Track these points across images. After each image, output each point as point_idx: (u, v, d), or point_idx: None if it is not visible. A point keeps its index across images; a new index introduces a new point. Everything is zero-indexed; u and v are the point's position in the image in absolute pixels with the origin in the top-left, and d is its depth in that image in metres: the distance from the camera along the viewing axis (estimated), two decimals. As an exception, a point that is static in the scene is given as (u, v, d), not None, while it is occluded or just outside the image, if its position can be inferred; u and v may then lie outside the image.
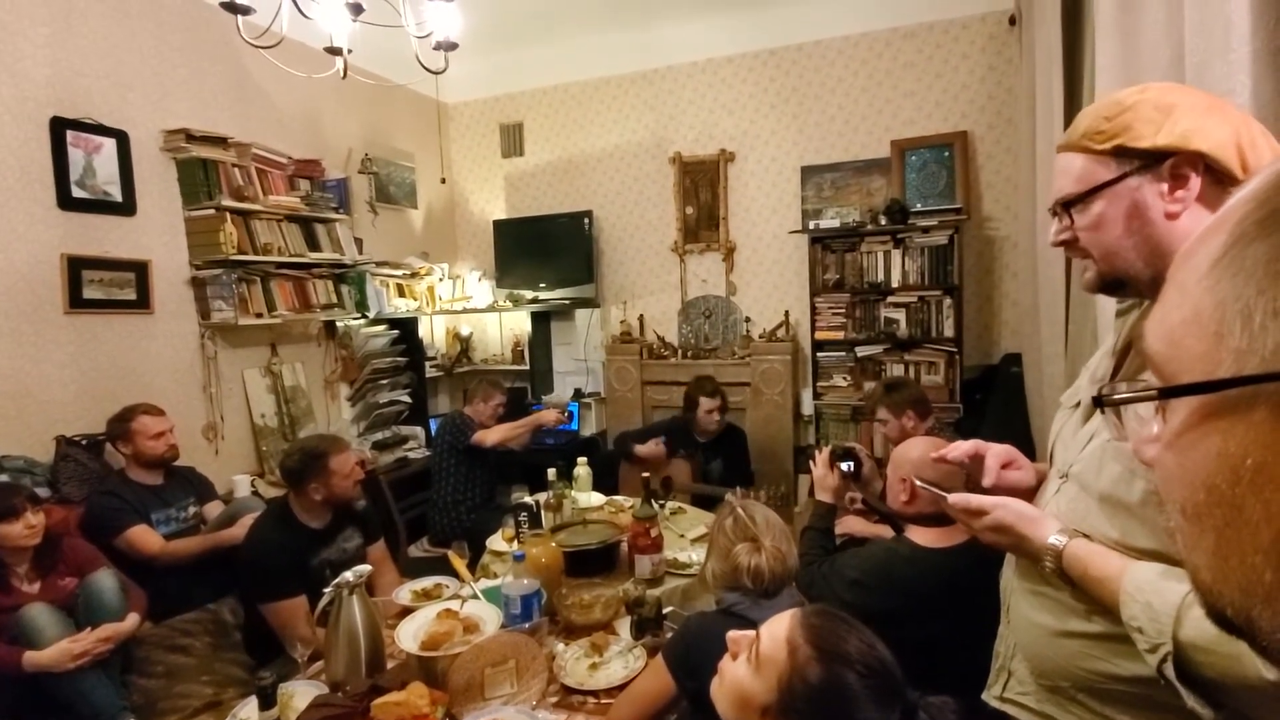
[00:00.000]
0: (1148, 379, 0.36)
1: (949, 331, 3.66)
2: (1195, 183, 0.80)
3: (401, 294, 4.43)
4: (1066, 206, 0.89)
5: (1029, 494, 1.06)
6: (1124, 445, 0.85)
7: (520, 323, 4.83)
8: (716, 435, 3.48)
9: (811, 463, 2.00)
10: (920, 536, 1.64)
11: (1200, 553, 0.32)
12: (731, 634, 0.95)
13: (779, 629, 0.89)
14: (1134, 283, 0.86)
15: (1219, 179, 0.80)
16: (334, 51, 2.12)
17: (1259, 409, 0.29)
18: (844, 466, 1.94)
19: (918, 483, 1.48)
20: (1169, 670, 0.76)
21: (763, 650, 0.88)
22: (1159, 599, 0.78)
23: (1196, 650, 0.74)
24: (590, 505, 2.79)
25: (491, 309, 4.78)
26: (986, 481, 1.04)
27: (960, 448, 1.12)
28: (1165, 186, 0.81)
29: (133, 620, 2.18)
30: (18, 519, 2.07)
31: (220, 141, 3.28)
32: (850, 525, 2.40)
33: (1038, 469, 1.11)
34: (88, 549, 2.31)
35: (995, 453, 1.08)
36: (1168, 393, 0.34)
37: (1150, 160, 0.82)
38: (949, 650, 1.42)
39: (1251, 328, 0.29)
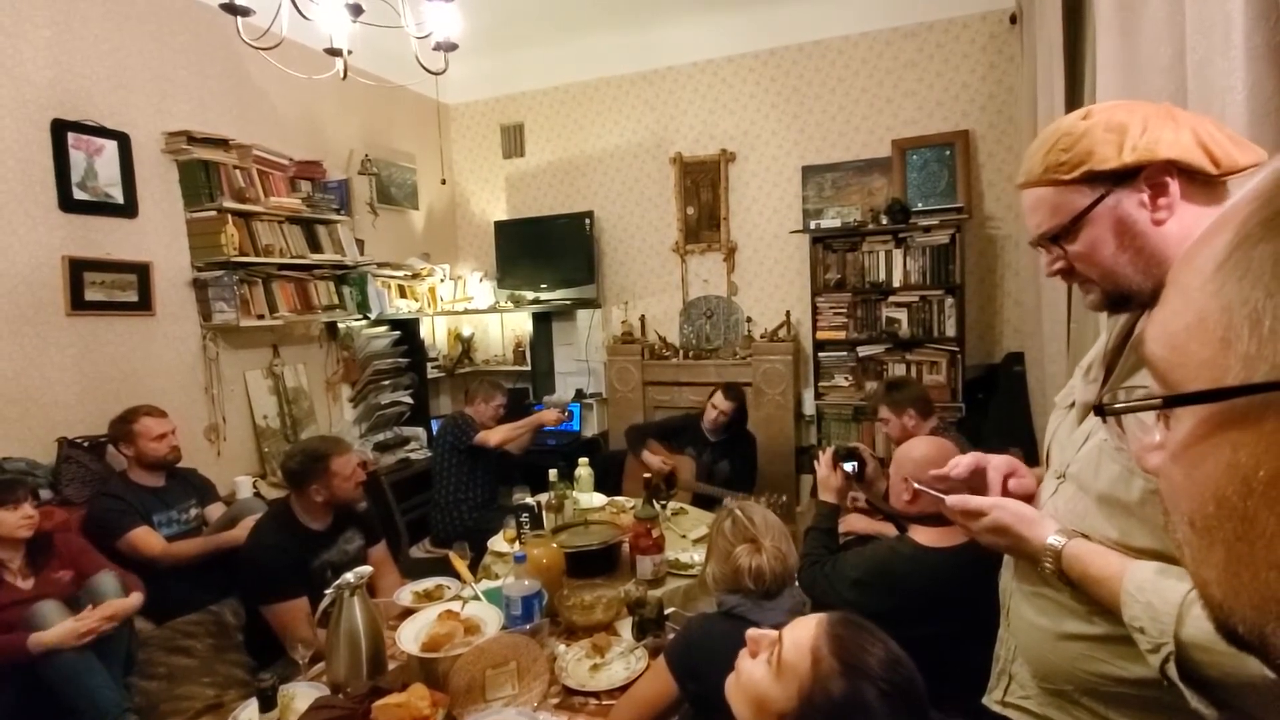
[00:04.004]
0: (1142, 380, 0.36)
1: (951, 331, 3.66)
2: (1174, 187, 0.81)
3: (403, 295, 4.44)
4: (1054, 239, 0.89)
5: (1030, 499, 1.05)
6: (1124, 449, 0.84)
7: (521, 323, 4.83)
8: (727, 436, 3.47)
9: (816, 463, 2.00)
10: (923, 536, 1.63)
11: (1210, 567, 0.31)
12: (752, 632, 0.94)
13: (803, 635, 0.87)
14: (1137, 296, 0.87)
15: (1193, 177, 0.81)
16: (334, 53, 2.12)
17: (1270, 418, 0.28)
18: (847, 467, 1.93)
19: (916, 484, 1.47)
20: (1171, 670, 0.76)
21: (784, 655, 0.87)
22: (1160, 598, 0.78)
23: (1199, 650, 0.74)
24: (592, 506, 2.79)
25: (493, 310, 4.78)
26: (991, 495, 1.04)
27: (962, 463, 1.11)
28: (1145, 196, 0.82)
29: (135, 598, 2.20)
30: (16, 507, 2.09)
31: (221, 143, 3.28)
32: (853, 523, 2.40)
33: (1038, 474, 1.10)
34: (80, 542, 2.32)
35: (997, 465, 1.07)
36: (1173, 401, 0.32)
37: (1122, 177, 0.83)
38: (951, 650, 1.42)
39: (1260, 332, 0.28)
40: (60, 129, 2.75)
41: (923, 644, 1.23)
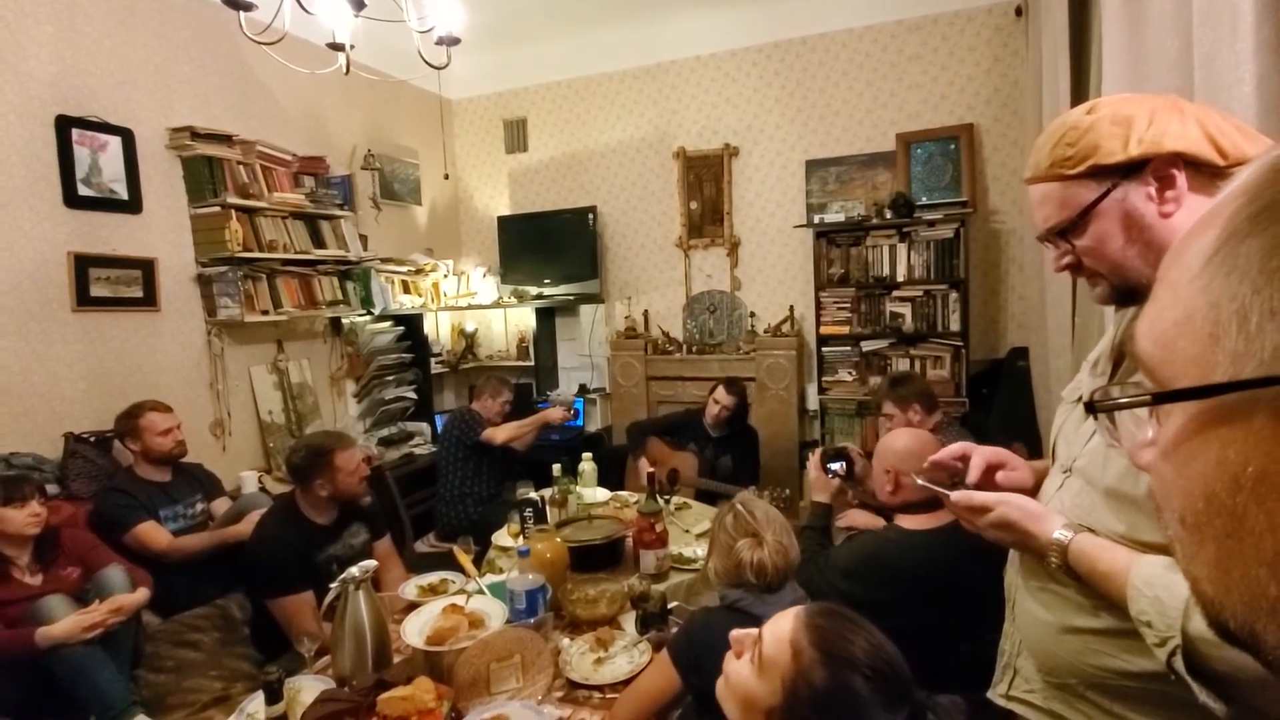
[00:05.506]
0: (1143, 380, 0.35)
1: (955, 326, 3.65)
2: (1181, 179, 0.81)
3: (406, 290, 4.44)
4: (1062, 234, 0.89)
5: (1028, 494, 1.05)
6: (1115, 445, 0.84)
7: (525, 319, 4.83)
8: (729, 432, 3.47)
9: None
10: (909, 523, 1.68)
11: (1200, 564, 0.31)
12: (735, 632, 0.94)
13: (781, 629, 0.88)
14: (1145, 290, 0.86)
15: (1200, 169, 0.80)
16: (336, 47, 2.11)
17: (1258, 414, 0.28)
18: (834, 467, 1.97)
19: (919, 481, 1.48)
20: (1179, 664, 0.75)
21: (765, 651, 0.87)
22: (1168, 593, 0.77)
23: (1207, 644, 0.73)
24: (595, 500, 2.79)
25: (496, 305, 4.79)
26: (970, 480, 1.05)
27: (950, 451, 1.12)
28: (1153, 189, 0.82)
29: (142, 593, 2.21)
30: (24, 505, 2.10)
31: (225, 139, 3.28)
32: (853, 519, 2.40)
33: (1035, 468, 1.10)
34: (87, 537, 2.33)
35: (981, 453, 1.08)
36: (1162, 398, 0.32)
37: (1128, 171, 0.82)
38: (947, 638, 1.42)
39: (1248, 329, 0.28)
40: (64, 125, 2.76)
41: (922, 632, 1.24)
